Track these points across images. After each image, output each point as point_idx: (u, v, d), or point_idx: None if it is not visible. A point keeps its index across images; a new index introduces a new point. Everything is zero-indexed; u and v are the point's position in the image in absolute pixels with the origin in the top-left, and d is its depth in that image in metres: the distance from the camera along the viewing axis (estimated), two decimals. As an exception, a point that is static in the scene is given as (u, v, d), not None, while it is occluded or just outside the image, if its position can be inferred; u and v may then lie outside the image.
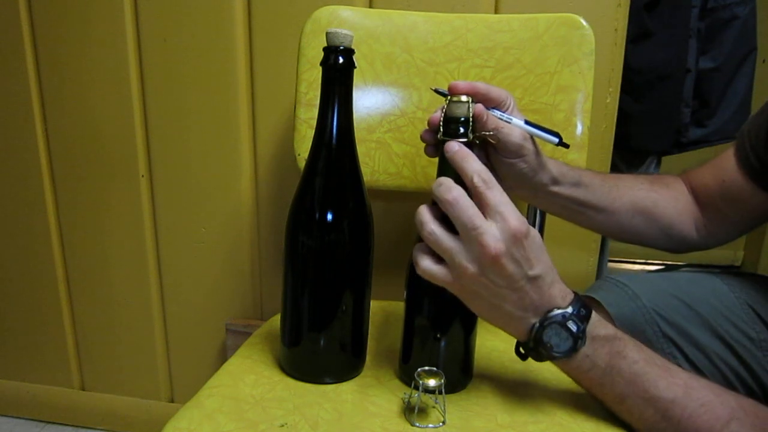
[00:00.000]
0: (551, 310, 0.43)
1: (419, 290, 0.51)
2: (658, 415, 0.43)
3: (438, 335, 0.51)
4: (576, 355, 0.44)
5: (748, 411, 0.42)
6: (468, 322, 0.51)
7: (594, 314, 0.45)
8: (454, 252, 0.42)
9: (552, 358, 0.45)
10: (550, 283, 0.44)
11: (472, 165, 0.43)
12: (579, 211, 0.60)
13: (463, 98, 0.45)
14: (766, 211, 0.60)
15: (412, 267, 0.50)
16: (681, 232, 0.63)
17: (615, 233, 0.64)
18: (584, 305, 0.44)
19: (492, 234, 0.41)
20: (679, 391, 0.43)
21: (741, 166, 0.60)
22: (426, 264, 0.45)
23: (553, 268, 0.45)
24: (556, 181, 0.56)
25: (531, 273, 0.43)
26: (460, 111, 0.45)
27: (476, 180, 0.42)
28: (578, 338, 0.43)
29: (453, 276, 0.44)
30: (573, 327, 0.43)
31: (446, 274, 0.44)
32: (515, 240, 0.41)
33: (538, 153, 0.53)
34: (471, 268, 0.42)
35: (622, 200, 0.61)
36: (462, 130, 0.45)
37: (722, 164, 0.62)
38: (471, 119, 0.46)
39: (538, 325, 0.44)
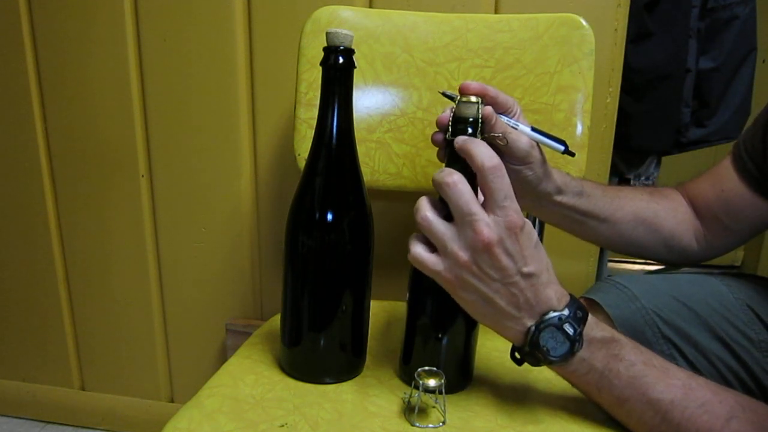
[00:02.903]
0: (547, 313, 0.43)
1: (422, 291, 0.51)
2: (657, 417, 0.43)
3: (439, 336, 0.51)
4: (572, 358, 0.44)
5: (746, 408, 0.42)
6: (470, 324, 0.51)
7: (590, 317, 0.44)
8: (446, 238, 0.42)
9: (549, 363, 0.44)
10: (546, 283, 0.43)
11: (483, 150, 0.42)
12: (581, 221, 0.60)
13: (473, 99, 0.45)
14: (765, 220, 0.60)
15: (415, 268, 0.50)
16: (681, 243, 0.63)
17: (617, 245, 0.63)
18: (580, 307, 0.44)
19: (486, 221, 0.41)
20: (677, 393, 0.43)
21: (740, 176, 0.60)
22: (418, 250, 0.44)
23: (550, 268, 0.44)
24: (559, 191, 0.56)
25: (525, 269, 0.42)
26: (469, 111, 0.45)
27: (488, 163, 0.41)
28: (575, 341, 0.43)
29: (444, 264, 0.42)
30: (569, 330, 0.42)
31: (437, 262, 0.43)
32: (510, 232, 0.41)
33: (543, 161, 0.53)
34: (463, 255, 0.41)
35: (623, 210, 0.61)
36: (471, 130, 0.45)
37: (720, 174, 0.62)
38: (480, 120, 0.46)
39: (534, 328, 0.43)
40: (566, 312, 0.43)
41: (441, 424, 0.47)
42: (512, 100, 0.51)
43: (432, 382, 0.46)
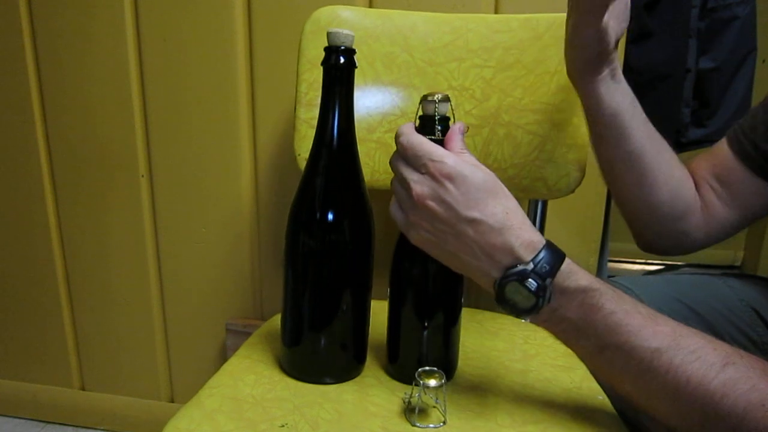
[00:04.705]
0: (512, 266, 0.42)
1: (401, 285, 0.52)
2: (642, 365, 0.41)
3: (418, 327, 0.52)
4: (542, 310, 0.42)
5: (744, 356, 0.40)
6: (450, 315, 0.52)
7: (567, 265, 0.43)
8: (401, 198, 0.45)
9: (518, 315, 0.43)
10: (501, 230, 0.42)
11: (402, 129, 0.45)
12: (621, 136, 0.58)
13: (438, 96, 0.46)
14: (757, 195, 0.60)
15: (395, 262, 0.51)
16: (685, 201, 0.62)
17: (645, 185, 0.60)
18: (549, 259, 0.42)
19: (415, 180, 0.43)
20: (665, 340, 0.41)
21: (734, 153, 0.61)
22: (394, 206, 0.46)
23: (510, 218, 0.42)
24: (614, 75, 0.55)
25: (466, 214, 0.42)
26: (439, 109, 0.47)
27: (401, 137, 0.44)
28: (539, 296, 0.41)
29: (406, 225, 0.45)
30: (532, 285, 0.41)
31: (402, 218, 0.46)
32: (437, 181, 0.42)
33: (613, 45, 0.53)
34: (412, 215, 0.44)
35: (667, 153, 0.60)
36: (440, 128, 0.47)
37: (714, 151, 0.63)
38: (448, 117, 0.47)
39: (498, 282, 0.43)
40: (530, 266, 0.41)
41: (441, 424, 0.47)
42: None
43: (432, 382, 0.46)
